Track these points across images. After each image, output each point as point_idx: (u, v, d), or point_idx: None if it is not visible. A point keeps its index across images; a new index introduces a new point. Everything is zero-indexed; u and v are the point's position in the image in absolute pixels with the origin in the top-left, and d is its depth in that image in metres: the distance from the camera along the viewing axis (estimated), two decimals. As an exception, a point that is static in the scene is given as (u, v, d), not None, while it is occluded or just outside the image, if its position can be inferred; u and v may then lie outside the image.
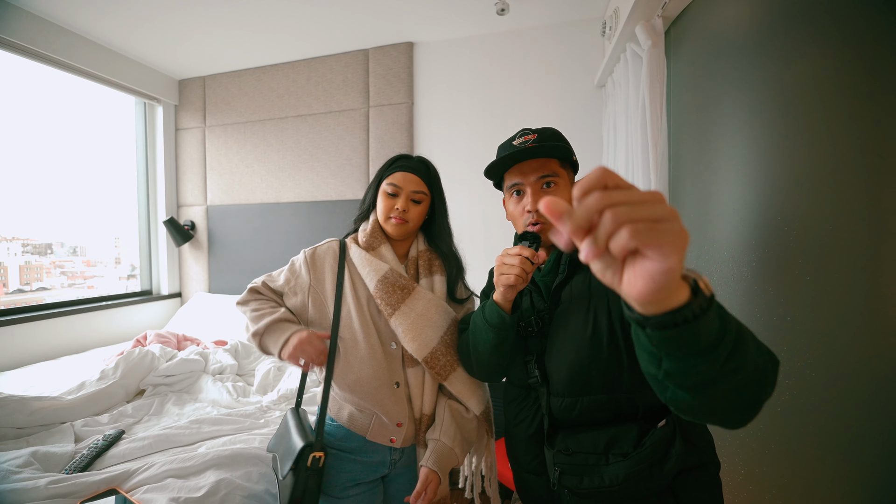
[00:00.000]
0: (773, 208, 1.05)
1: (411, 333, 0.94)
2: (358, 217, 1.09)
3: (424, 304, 0.97)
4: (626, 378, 0.71)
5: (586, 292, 0.76)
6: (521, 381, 0.84)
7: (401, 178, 1.01)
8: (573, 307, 0.76)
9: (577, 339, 0.74)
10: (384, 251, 1.01)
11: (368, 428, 0.96)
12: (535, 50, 2.25)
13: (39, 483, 1.02)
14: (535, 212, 0.78)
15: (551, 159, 0.79)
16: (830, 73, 0.97)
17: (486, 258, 2.27)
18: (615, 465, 0.67)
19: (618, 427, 0.71)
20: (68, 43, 2.21)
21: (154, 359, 1.78)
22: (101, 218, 2.77)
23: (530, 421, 0.82)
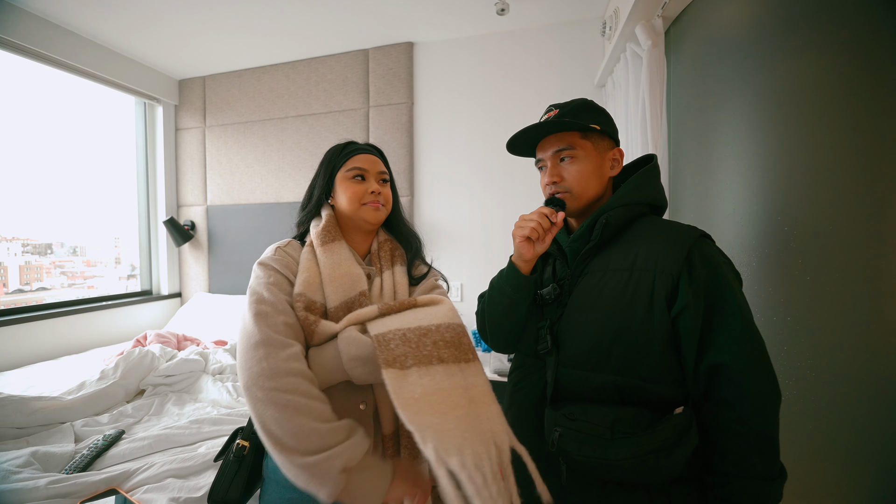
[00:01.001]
0: (773, 208, 1.05)
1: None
2: (304, 218, 0.93)
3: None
4: (646, 364, 0.69)
5: (629, 264, 0.72)
6: (530, 349, 0.82)
7: (364, 160, 0.89)
8: (608, 277, 0.73)
9: (605, 310, 0.71)
10: (337, 248, 0.84)
11: None
12: (535, 50, 2.25)
13: (39, 483, 1.02)
14: (550, 184, 0.80)
15: (569, 132, 0.79)
16: (830, 73, 0.97)
17: (485, 257, 2.28)
18: (621, 442, 0.64)
19: (625, 408, 0.68)
20: (68, 43, 2.21)
21: (154, 359, 1.78)
22: (101, 218, 2.77)
23: (532, 387, 0.80)
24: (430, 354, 0.69)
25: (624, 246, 0.75)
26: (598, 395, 0.72)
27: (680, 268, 0.68)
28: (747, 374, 0.66)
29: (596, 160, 0.79)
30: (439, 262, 2.67)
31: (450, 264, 2.33)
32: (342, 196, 0.88)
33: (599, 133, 0.80)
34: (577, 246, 0.79)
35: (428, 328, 0.72)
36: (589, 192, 0.79)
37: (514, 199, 2.29)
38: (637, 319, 0.69)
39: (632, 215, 0.77)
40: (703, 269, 0.68)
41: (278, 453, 0.62)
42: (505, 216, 2.30)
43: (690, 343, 0.68)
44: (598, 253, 0.78)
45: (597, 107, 0.83)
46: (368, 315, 0.75)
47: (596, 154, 0.79)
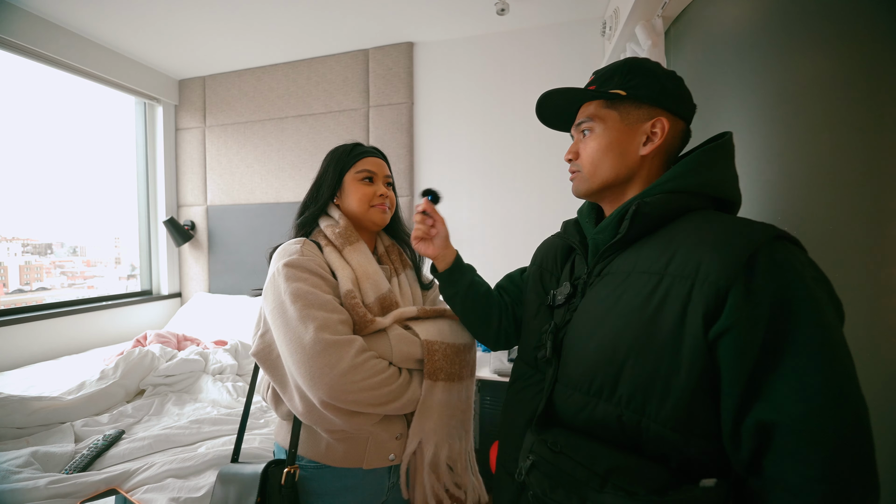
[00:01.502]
0: (773, 208, 1.05)
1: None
2: (309, 217, 0.92)
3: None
4: (668, 402, 0.49)
5: (660, 267, 0.53)
6: (529, 357, 0.71)
7: (372, 163, 0.92)
8: (630, 281, 0.56)
9: (620, 323, 0.54)
10: (363, 248, 0.88)
11: (364, 455, 0.80)
12: (535, 50, 2.25)
13: (39, 483, 1.02)
14: (568, 161, 0.70)
15: (594, 102, 0.66)
16: (830, 72, 0.97)
17: (485, 257, 2.28)
18: (611, 497, 0.47)
19: (630, 456, 0.51)
20: (68, 43, 2.21)
21: (154, 359, 1.78)
22: (101, 218, 2.78)
23: (526, 403, 0.68)
24: (456, 373, 0.84)
25: (658, 243, 0.56)
26: (597, 429, 0.55)
27: (734, 276, 0.47)
28: (822, 449, 0.43)
29: (619, 133, 0.63)
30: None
31: (450, 264, 2.33)
32: (351, 197, 0.90)
33: (630, 99, 0.63)
34: (601, 240, 0.65)
35: (460, 346, 0.86)
36: (601, 171, 0.64)
37: (513, 198, 2.29)
38: (660, 340, 0.50)
39: (679, 207, 0.58)
40: (772, 282, 0.46)
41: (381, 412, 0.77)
42: (505, 216, 2.30)
43: (732, 383, 0.46)
44: (624, 250, 0.61)
45: (640, 66, 0.65)
46: (410, 314, 0.86)
47: (621, 126, 0.63)
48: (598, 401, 0.55)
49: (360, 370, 0.72)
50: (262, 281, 0.84)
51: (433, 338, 0.83)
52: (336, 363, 0.70)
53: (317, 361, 0.70)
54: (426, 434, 0.81)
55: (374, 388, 0.73)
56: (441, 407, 0.82)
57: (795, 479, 0.43)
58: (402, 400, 0.77)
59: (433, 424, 0.81)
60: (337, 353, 0.71)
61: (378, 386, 0.74)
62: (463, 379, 0.86)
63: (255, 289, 1.00)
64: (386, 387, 0.75)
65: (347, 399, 0.71)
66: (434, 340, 0.82)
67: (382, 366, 0.77)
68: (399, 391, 0.77)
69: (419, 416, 0.80)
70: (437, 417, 0.81)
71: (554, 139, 2.21)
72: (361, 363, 0.73)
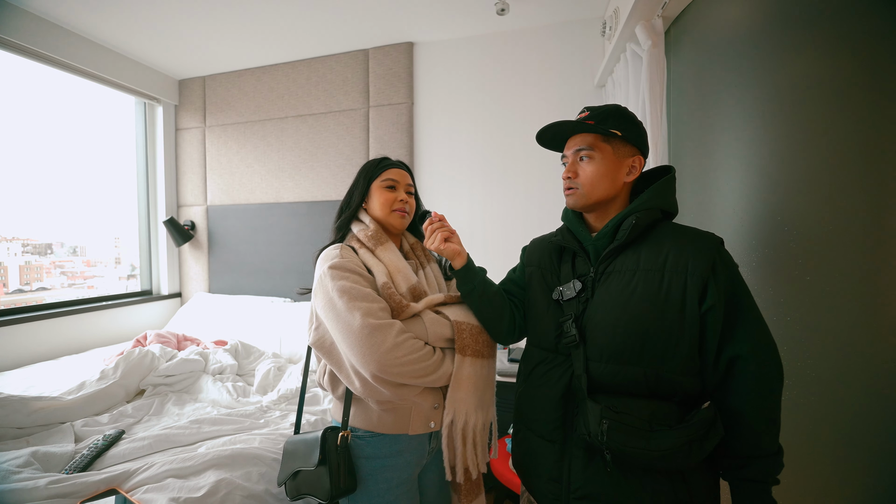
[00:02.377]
0: (773, 208, 1.05)
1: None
2: (343, 222, 1.07)
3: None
4: (677, 358, 0.74)
5: (660, 265, 0.77)
6: (549, 344, 0.86)
7: (396, 173, 1.06)
8: (640, 277, 0.78)
9: (639, 308, 0.76)
10: (392, 248, 1.02)
11: (409, 422, 0.95)
12: (535, 50, 2.25)
13: (39, 483, 1.02)
14: (565, 178, 0.87)
15: (591, 134, 0.84)
16: (830, 72, 0.97)
17: (485, 256, 2.28)
18: (661, 434, 0.70)
19: (655, 402, 0.74)
20: (68, 43, 2.21)
21: (154, 359, 1.78)
22: (101, 218, 2.78)
23: (557, 380, 0.84)
24: (480, 350, 0.97)
25: (652, 248, 0.79)
26: (628, 388, 0.76)
27: (708, 271, 0.74)
28: (760, 363, 0.74)
29: (612, 164, 0.84)
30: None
31: (450, 264, 2.33)
32: (375, 202, 1.04)
33: (621, 139, 0.84)
34: (602, 244, 0.84)
35: (481, 328, 0.99)
36: (597, 192, 0.84)
37: (513, 198, 2.29)
38: (670, 317, 0.74)
39: (653, 219, 0.82)
40: (725, 273, 0.76)
41: (420, 383, 0.90)
42: (505, 215, 2.30)
43: (714, 338, 0.75)
44: (622, 252, 0.82)
45: (627, 115, 0.86)
46: (438, 300, 0.99)
47: (614, 158, 0.84)
48: (627, 366, 0.76)
49: (401, 347, 0.86)
50: (262, 281, 0.90)
51: (461, 319, 0.97)
52: (382, 342, 0.85)
53: (366, 342, 0.85)
54: (458, 404, 0.93)
55: (415, 363, 0.87)
56: (469, 379, 0.94)
57: (747, 386, 0.74)
58: (437, 373, 0.91)
59: (463, 395, 0.94)
60: (381, 334, 0.85)
61: (417, 361, 0.88)
62: (485, 356, 0.98)
63: (303, 288, 1.14)
64: (423, 362, 0.89)
65: (393, 372, 0.85)
66: (462, 321, 0.96)
67: (419, 344, 0.90)
68: (435, 366, 0.91)
69: (453, 387, 0.93)
70: (465, 388, 0.94)
71: (554, 139, 2.20)
72: (402, 342, 0.87)
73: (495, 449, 1.13)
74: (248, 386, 1.87)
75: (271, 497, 1.18)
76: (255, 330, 2.37)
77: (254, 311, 2.51)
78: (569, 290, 0.84)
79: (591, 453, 0.79)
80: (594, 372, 0.79)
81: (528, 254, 1.01)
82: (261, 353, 2.14)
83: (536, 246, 1.00)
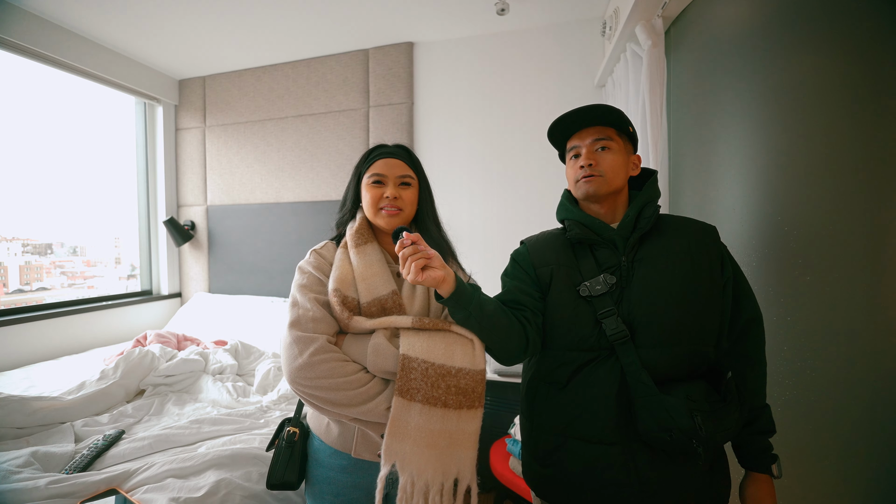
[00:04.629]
0: (773, 208, 1.05)
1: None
2: (340, 221, 0.99)
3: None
4: (709, 330, 0.80)
5: (685, 249, 0.82)
6: (591, 343, 0.81)
7: (383, 165, 0.92)
8: (673, 261, 0.81)
9: (679, 290, 0.79)
10: (369, 250, 0.90)
11: (352, 443, 0.87)
12: (536, 50, 2.25)
13: (39, 483, 1.02)
14: (585, 165, 0.85)
15: (608, 127, 0.86)
16: (830, 72, 0.97)
17: (485, 256, 2.28)
18: (722, 412, 0.73)
19: (698, 382, 0.77)
20: (68, 43, 2.21)
21: (154, 359, 1.78)
22: (101, 218, 2.78)
23: (605, 378, 0.80)
24: (438, 397, 0.77)
25: (671, 234, 0.85)
26: (673, 372, 0.78)
27: (721, 252, 0.84)
28: (762, 322, 0.85)
29: (624, 157, 0.87)
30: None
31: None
32: (364, 201, 0.94)
33: (629, 136, 0.88)
34: (624, 234, 0.85)
35: (449, 369, 0.79)
36: (617, 181, 0.85)
37: (513, 198, 2.29)
38: (704, 291, 0.80)
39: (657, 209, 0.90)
40: (727, 253, 0.86)
41: (339, 414, 0.78)
42: (505, 215, 2.30)
43: (729, 305, 0.83)
44: (646, 240, 0.85)
45: (626, 116, 0.90)
46: (402, 324, 0.83)
47: (624, 152, 0.87)
48: (675, 348, 0.78)
49: (313, 368, 0.76)
50: (262, 281, 0.91)
51: (415, 354, 0.78)
52: (295, 357, 0.78)
53: (285, 352, 0.80)
54: (404, 459, 0.75)
55: (329, 389, 0.76)
56: (420, 432, 0.76)
57: (757, 348, 0.85)
58: (364, 407, 0.77)
59: (410, 448, 0.75)
60: (297, 348, 0.78)
61: (333, 388, 0.76)
62: (449, 406, 0.77)
63: None
64: (343, 390, 0.76)
65: (303, 392, 0.78)
66: (413, 357, 0.78)
67: (345, 370, 0.78)
68: (361, 398, 0.77)
69: (390, 434, 0.76)
70: (413, 442, 0.75)
71: (554, 139, 2.20)
72: (316, 363, 0.76)
73: None
74: (248, 386, 1.87)
75: (271, 497, 1.18)
76: (255, 330, 2.37)
77: (254, 311, 2.51)
78: (598, 284, 0.81)
79: (651, 449, 0.77)
80: (649, 361, 0.78)
81: (537, 254, 0.91)
82: (261, 353, 2.14)
83: (542, 244, 0.92)
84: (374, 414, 0.78)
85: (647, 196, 0.87)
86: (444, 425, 0.77)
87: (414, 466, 0.75)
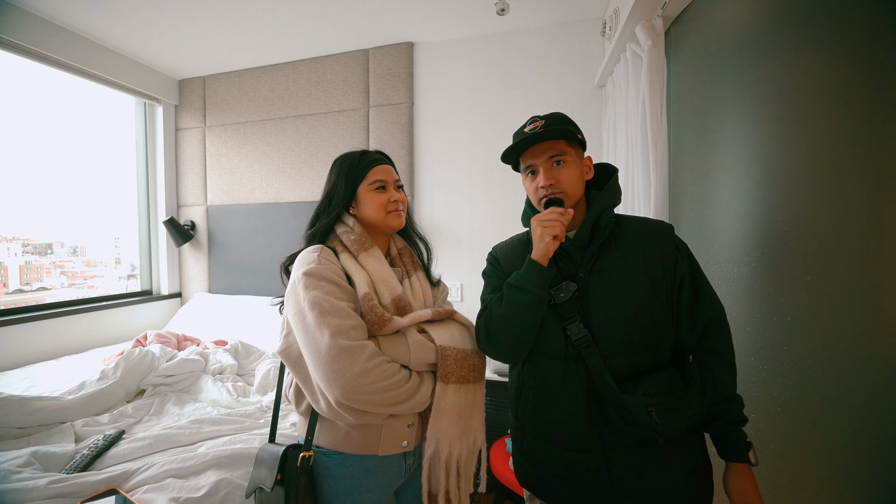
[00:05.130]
0: (773, 208, 1.05)
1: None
2: (321, 227, 0.97)
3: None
4: (665, 331, 0.84)
5: (641, 258, 0.85)
6: (559, 350, 0.86)
7: (382, 171, 0.98)
8: (629, 271, 0.84)
9: (637, 299, 0.83)
10: (377, 253, 0.94)
11: (379, 442, 0.87)
12: (536, 50, 2.25)
13: (40, 483, 1.02)
14: (546, 186, 0.87)
15: (559, 140, 0.87)
16: (830, 72, 0.97)
17: (485, 256, 2.27)
18: (685, 399, 0.77)
19: (660, 372, 0.81)
20: (68, 43, 2.21)
21: (154, 359, 1.78)
22: (101, 218, 2.78)
23: (576, 388, 0.84)
24: (464, 376, 0.90)
25: (627, 242, 0.87)
26: (638, 369, 0.82)
27: (675, 253, 0.86)
28: (725, 320, 0.87)
29: (579, 165, 0.89)
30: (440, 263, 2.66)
31: (450, 264, 2.33)
32: (368, 207, 0.96)
33: (578, 142, 0.90)
34: (581, 243, 0.87)
35: (468, 352, 0.92)
36: (577, 193, 0.89)
37: (513, 198, 2.29)
38: (659, 299, 0.84)
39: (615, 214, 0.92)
40: (685, 251, 0.89)
41: (391, 412, 0.82)
42: (505, 215, 2.30)
43: (687, 303, 0.86)
44: (604, 249, 0.87)
45: (570, 119, 0.92)
46: (425, 317, 0.92)
47: (577, 160, 0.89)
48: (640, 351, 0.83)
49: (371, 374, 0.77)
50: (262, 281, 0.87)
51: (447, 343, 0.90)
52: (350, 367, 0.76)
53: (333, 365, 0.76)
54: (441, 434, 0.87)
55: (385, 391, 0.79)
56: (454, 408, 0.88)
57: (720, 343, 0.86)
58: (411, 402, 0.83)
59: (446, 424, 0.87)
60: (350, 357, 0.76)
61: (388, 389, 0.79)
62: (471, 382, 0.91)
63: (277, 297, 1.01)
64: (395, 389, 0.80)
65: (360, 400, 0.77)
66: (447, 346, 0.90)
67: (393, 369, 0.82)
68: (408, 393, 0.83)
69: (434, 417, 0.87)
70: (449, 418, 0.88)
71: (554, 139, 2.20)
72: (373, 367, 0.78)
73: (484, 481, 1.01)
74: (249, 386, 1.87)
75: (271, 497, 1.18)
76: (255, 330, 2.37)
77: (254, 311, 2.51)
78: (562, 291, 0.85)
79: (624, 450, 0.81)
80: (612, 366, 0.81)
81: (506, 261, 0.97)
82: (261, 353, 2.14)
83: (509, 251, 0.98)
84: (421, 404, 0.86)
85: (603, 203, 0.88)
86: (467, 398, 0.90)
87: (450, 438, 0.88)
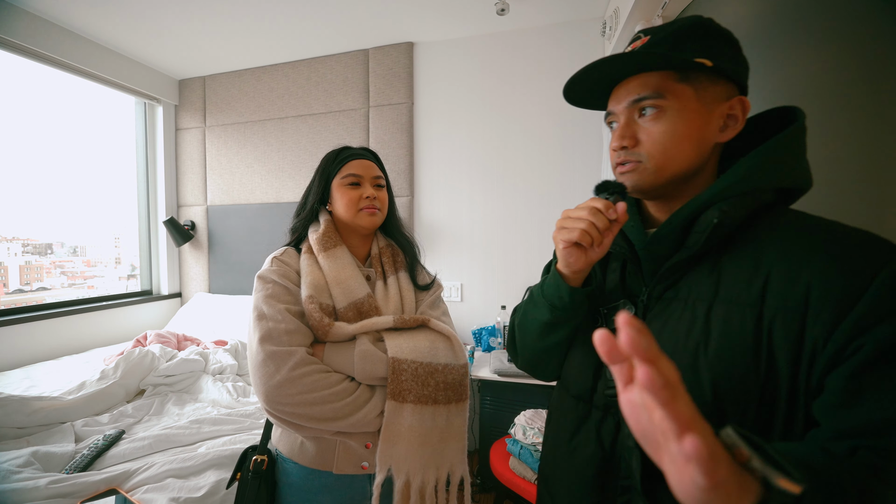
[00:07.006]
0: (773, 208, 1.05)
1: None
2: (298, 225, 0.93)
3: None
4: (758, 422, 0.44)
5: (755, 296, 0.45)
6: (583, 391, 0.58)
7: (358, 166, 0.90)
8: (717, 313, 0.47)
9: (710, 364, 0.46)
10: (340, 253, 0.87)
11: (334, 459, 0.80)
12: (536, 50, 2.25)
13: (40, 483, 1.02)
14: (620, 149, 0.53)
15: (656, 73, 0.51)
16: (830, 73, 0.97)
17: (485, 257, 2.28)
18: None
19: None
20: (68, 43, 2.21)
21: (154, 359, 1.78)
22: (101, 218, 2.78)
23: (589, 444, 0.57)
24: (428, 395, 0.77)
25: (743, 261, 0.48)
26: None
27: (853, 301, 0.41)
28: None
29: (696, 116, 0.50)
30: (439, 263, 2.62)
31: (450, 264, 2.33)
32: (339, 202, 0.89)
33: (710, 72, 0.50)
34: (660, 252, 0.53)
35: (436, 367, 0.79)
36: (675, 163, 0.51)
37: (514, 198, 2.29)
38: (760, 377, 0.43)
39: (756, 208, 0.49)
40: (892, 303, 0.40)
41: (322, 430, 0.73)
42: (505, 215, 2.30)
43: (846, 395, 0.40)
44: (696, 266, 0.51)
45: (715, 29, 0.52)
46: (384, 325, 0.81)
47: (698, 106, 0.50)
48: None
49: (296, 383, 0.71)
50: None
51: (403, 355, 0.78)
52: (273, 374, 0.71)
53: (258, 370, 0.73)
54: (396, 461, 0.75)
55: (314, 404, 0.71)
56: (412, 433, 0.76)
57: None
58: (352, 418, 0.73)
59: (403, 451, 0.75)
60: (274, 364, 0.72)
61: (319, 402, 0.71)
62: (440, 403, 0.78)
63: None
64: (329, 403, 0.72)
65: (283, 411, 0.71)
66: (403, 358, 0.77)
67: (329, 381, 0.74)
68: (349, 409, 0.73)
69: (384, 440, 0.75)
70: (406, 442, 0.76)
71: (554, 138, 2.21)
72: (298, 377, 0.71)
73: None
74: (248, 386, 1.87)
75: (271, 497, 1.18)
76: (255, 330, 2.37)
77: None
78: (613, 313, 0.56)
79: None
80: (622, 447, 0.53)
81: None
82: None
83: None
84: (365, 423, 0.75)
85: (727, 187, 0.49)
86: (434, 422, 0.78)
87: (409, 467, 0.75)
